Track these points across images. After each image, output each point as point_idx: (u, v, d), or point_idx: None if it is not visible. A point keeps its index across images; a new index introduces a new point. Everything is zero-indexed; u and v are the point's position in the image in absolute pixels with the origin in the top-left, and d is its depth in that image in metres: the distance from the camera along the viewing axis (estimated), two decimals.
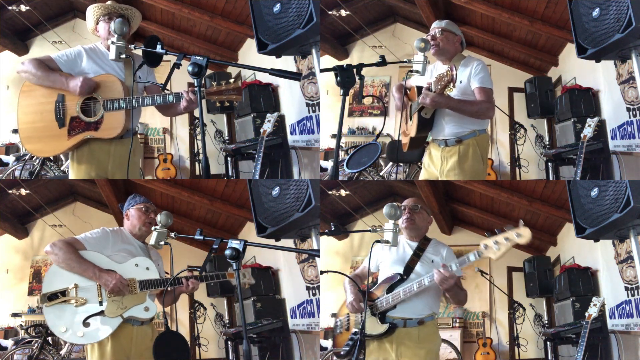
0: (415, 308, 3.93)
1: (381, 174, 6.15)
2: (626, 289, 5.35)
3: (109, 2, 4.16)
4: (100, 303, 3.78)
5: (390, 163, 6.08)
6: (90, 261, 3.79)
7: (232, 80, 3.93)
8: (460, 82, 4.11)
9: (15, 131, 5.97)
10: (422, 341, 3.91)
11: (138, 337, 3.86)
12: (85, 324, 3.74)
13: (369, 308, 3.95)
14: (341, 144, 4.93)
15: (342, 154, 5.98)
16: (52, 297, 3.73)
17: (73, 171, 4.16)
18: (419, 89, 4.15)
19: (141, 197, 4.19)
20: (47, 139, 4.07)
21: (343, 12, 6.15)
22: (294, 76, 4.11)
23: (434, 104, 4.01)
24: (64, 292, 3.75)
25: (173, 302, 4.02)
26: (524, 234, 3.72)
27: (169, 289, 3.88)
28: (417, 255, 3.99)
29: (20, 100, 4.15)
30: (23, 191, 5.96)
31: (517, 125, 6.22)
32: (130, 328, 3.86)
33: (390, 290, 3.94)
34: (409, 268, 3.97)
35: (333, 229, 3.89)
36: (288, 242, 5.53)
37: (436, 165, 4.22)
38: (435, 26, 4.23)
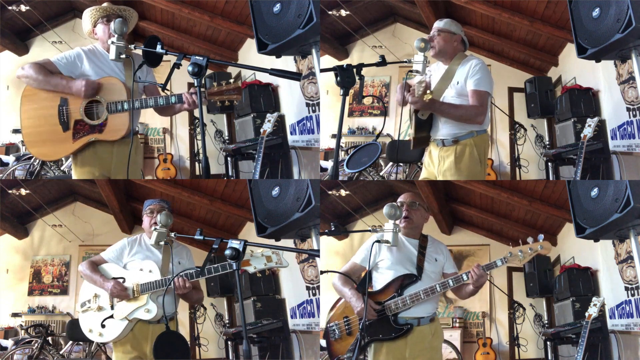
0: (428, 307, 3.96)
1: (381, 174, 6.15)
2: (626, 289, 5.35)
3: (105, 4, 4.16)
4: (112, 307, 4.10)
5: (390, 163, 6.09)
6: (101, 273, 4.16)
7: (232, 80, 3.94)
8: (458, 82, 4.11)
9: (15, 131, 5.99)
10: (434, 338, 3.97)
11: (154, 335, 4.00)
12: (102, 325, 4.10)
13: (380, 312, 3.95)
14: (341, 144, 4.93)
15: (342, 154, 5.98)
16: (83, 305, 4.19)
17: (76, 172, 4.18)
18: None
19: (150, 200, 4.30)
20: (52, 143, 4.09)
21: (343, 12, 6.15)
22: (294, 76, 4.10)
23: (417, 107, 4.04)
24: (90, 301, 4.19)
25: (193, 302, 4.45)
26: (546, 247, 4.10)
27: (178, 288, 4.10)
28: (422, 253, 4.00)
29: (23, 105, 4.13)
30: (23, 191, 5.97)
31: (517, 125, 6.22)
32: (147, 327, 4.10)
33: (402, 290, 3.94)
34: (419, 268, 3.97)
35: (333, 229, 3.89)
36: (288, 242, 5.53)
37: (434, 164, 4.22)
38: (434, 26, 4.23)
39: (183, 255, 4.23)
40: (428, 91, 3.99)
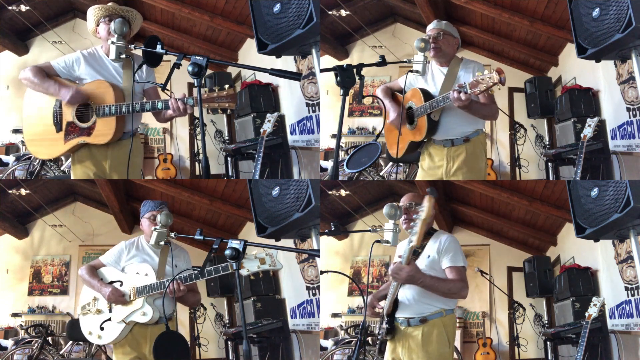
0: (417, 306, 3.87)
1: (381, 174, 6.15)
2: (626, 289, 5.35)
3: (110, 4, 4.16)
4: (110, 310, 4.17)
5: (390, 163, 6.08)
6: (99, 276, 4.24)
7: (226, 87, 3.91)
8: (465, 83, 4.11)
9: (15, 131, 5.99)
10: (426, 342, 3.84)
11: (153, 336, 4.06)
12: (101, 328, 4.18)
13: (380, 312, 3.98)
14: (341, 144, 4.93)
15: (342, 154, 5.98)
16: (83, 308, 4.28)
17: (74, 170, 4.22)
18: (423, 91, 4.14)
19: (151, 203, 4.31)
20: (46, 143, 4.16)
21: (343, 12, 6.15)
22: (294, 76, 4.10)
23: (466, 107, 3.95)
24: (89, 304, 4.27)
25: (191, 304, 4.48)
26: (427, 205, 3.55)
27: (172, 290, 4.10)
28: (416, 253, 3.96)
29: (24, 104, 4.21)
30: (23, 191, 5.97)
31: (517, 125, 6.22)
32: (145, 328, 4.14)
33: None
34: None
35: (333, 229, 3.88)
36: (288, 242, 5.53)
37: (440, 166, 4.21)
38: (436, 27, 4.21)
39: (180, 259, 4.24)
40: (499, 87, 3.84)
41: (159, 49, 3.70)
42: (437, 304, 3.87)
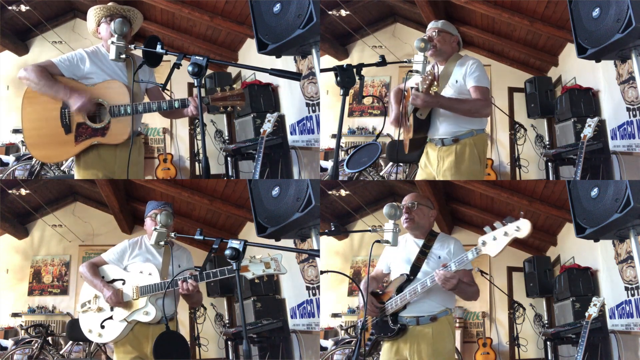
0: (426, 305, 3.91)
1: (381, 174, 6.15)
2: (626, 289, 5.35)
3: (110, 4, 4.15)
4: (112, 309, 4.16)
5: (390, 163, 6.08)
6: (101, 275, 4.21)
7: (235, 86, 3.94)
8: (457, 81, 4.11)
9: (15, 131, 5.99)
10: (436, 340, 3.89)
11: (154, 336, 4.05)
12: (102, 326, 4.15)
13: (380, 311, 3.97)
14: (341, 144, 4.93)
15: (342, 154, 5.98)
16: (83, 305, 4.25)
17: (79, 174, 4.16)
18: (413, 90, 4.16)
19: (154, 203, 4.31)
20: (54, 146, 4.06)
21: (343, 12, 6.15)
22: (294, 76, 4.11)
23: (425, 104, 3.99)
24: (90, 302, 4.24)
25: (193, 303, 4.45)
26: (522, 227, 3.51)
27: (178, 290, 4.10)
28: (424, 252, 3.97)
29: (24, 107, 4.08)
30: (23, 191, 5.97)
31: (517, 125, 6.22)
32: (147, 327, 4.12)
33: (399, 291, 3.93)
34: (415, 267, 3.95)
35: (333, 229, 3.88)
36: (288, 242, 5.53)
37: (433, 165, 4.21)
38: (432, 27, 4.22)
39: (183, 259, 4.24)
40: (435, 83, 3.89)
41: (159, 49, 3.70)
42: (443, 303, 3.94)
